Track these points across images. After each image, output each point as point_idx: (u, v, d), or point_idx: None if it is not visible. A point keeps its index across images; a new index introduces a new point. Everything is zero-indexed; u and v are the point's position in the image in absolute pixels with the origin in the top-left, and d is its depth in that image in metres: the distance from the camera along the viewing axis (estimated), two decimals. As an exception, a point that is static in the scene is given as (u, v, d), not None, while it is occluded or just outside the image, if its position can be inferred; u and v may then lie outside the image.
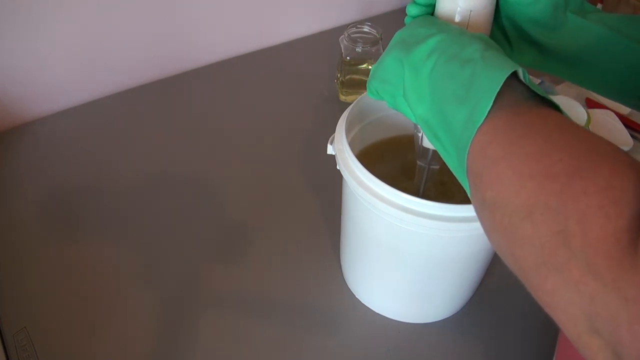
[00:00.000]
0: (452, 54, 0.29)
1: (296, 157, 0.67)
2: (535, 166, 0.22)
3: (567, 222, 0.20)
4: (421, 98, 0.31)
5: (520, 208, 0.22)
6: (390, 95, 0.34)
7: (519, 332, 0.50)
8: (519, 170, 0.23)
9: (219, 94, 0.76)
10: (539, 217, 0.21)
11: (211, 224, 0.59)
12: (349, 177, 0.39)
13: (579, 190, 0.20)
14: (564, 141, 0.23)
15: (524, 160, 0.23)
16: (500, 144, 0.24)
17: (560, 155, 0.22)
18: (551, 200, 0.21)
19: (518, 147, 0.23)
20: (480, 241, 0.42)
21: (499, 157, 0.24)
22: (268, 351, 0.48)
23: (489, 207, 0.24)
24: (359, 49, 0.68)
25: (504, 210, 0.23)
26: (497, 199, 0.24)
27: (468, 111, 0.26)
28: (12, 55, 0.66)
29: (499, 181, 0.24)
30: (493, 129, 0.25)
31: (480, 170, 0.25)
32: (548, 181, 0.21)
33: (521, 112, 0.25)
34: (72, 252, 0.56)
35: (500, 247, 0.25)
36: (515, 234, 0.22)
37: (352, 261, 0.50)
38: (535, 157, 0.22)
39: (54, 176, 0.64)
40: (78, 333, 0.49)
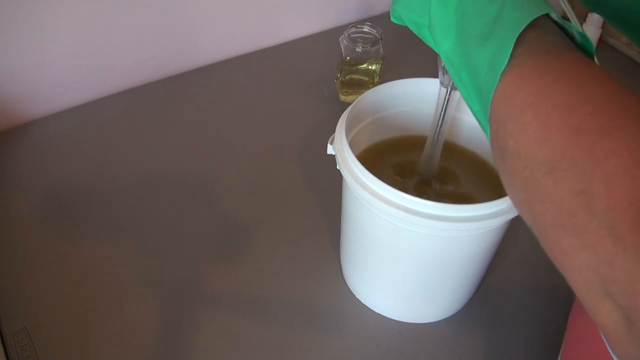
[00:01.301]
0: None
1: (296, 157, 0.67)
2: (563, 119, 0.21)
3: (591, 181, 0.19)
4: (447, 32, 0.29)
5: (544, 162, 0.21)
6: (414, 24, 0.32)
7: (519, 332, 0.50)
8: (546, 121, 0.21)
9: (219, 94, 0.76)
10: (562, 174, 0.20)
11: (211, 223, 0.59)
12: (349, 177, 0.39)
13: (607, 148, 0.19)
14: (595, 93, 0.21)
15: (551, 112, 0.21)
16: (527, 91, 0.23)
17: (590, 109, 0.20)
18: (577, 156, 0.20)
19: (546, 96, 0.22)
20: (480, 241, 0.42)
21: (525, 106, 0.22)
22: (268, 351, 0.48)
23: (510, 156, 0.23)
24: (359, 49, 0.68)
25: (527, 163, 0.22)
26: (520, 149, 0.22)
27: (492, 52, 0.25)
28: (12, 55, 0.66)
29: (523, 131, 0.22)
30: (520, 74, 0.24)
31: (505, 117, 0.24)
32: (576, 136, 0.20)
33: (551, 57, 0.23)
34: (72, 252, 0.56)
35: (518, 199, 0.24)
36: (535, 188, 0.21)
37: (352, 261, 0.50)
38: (564, 108, 0.21)
39: (54, 176, 0.64)
40: (78, 333, 0.49)
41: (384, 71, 0.72)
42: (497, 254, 0.49)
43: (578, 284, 0.20)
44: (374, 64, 0.70)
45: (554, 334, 0.49)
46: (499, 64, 0.24)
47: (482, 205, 0.36)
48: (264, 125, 0.71)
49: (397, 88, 0.48)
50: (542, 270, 0.54)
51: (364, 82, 0.72)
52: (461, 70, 0.28)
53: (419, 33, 0.33)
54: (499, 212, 0.37)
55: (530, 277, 0.54)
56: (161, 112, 0.73)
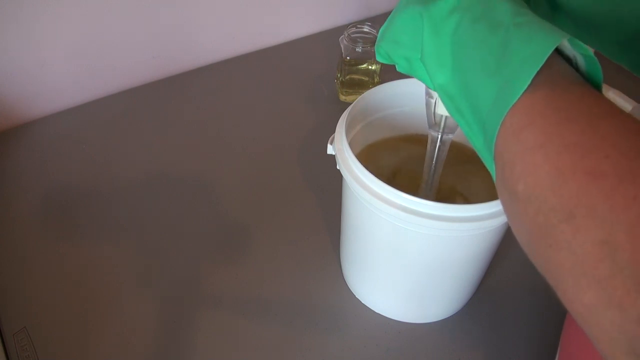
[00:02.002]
0: (479, 13, 0.26)
1: (296, 157, 0.67)
2: (578, 161, 0.19)
3: (613, 231, 0.18)
4: (442, 64, 0.27)
5: (560, 208, 0.19)
6: (404, 58, 0.31)
7: (519, 332, 0.50)
8: (559, 164, 0.20)
9: (219, 94, 0.76)
10: (581, 222, 0.19)
11: (211, 223, 0.59)
12: (349, 177, 0.39)
13: (630, 195, 0.18)
14: (611, 132, 0.20)
15: (565, 152, 0.20)
16: (537, 128, 0.21)
17: (607, 151, 0.19)
18: (596, 203, 0.18)
19: (558, 135, 0.20)
20: (480, 241, 0.42)
21: (536, 146, 0.21)
22: (268, 351, 0.48)
23: (520, 200, 0.22)
24: (359, 49, 0.68)
25: (540, 207, 0.20)
26: (531, 193, 0.21)
27: (498, 86, 0.24)
28: (12, 55, 0.66)
29: (534, 173, 0.21)
30: (529, 109, 0.22)
31: (513, 157, 0.22)
32: (593, 181, 0.19)
33: (560, 92, 0.22)
34: (72, 252, 0.56)
35: (529, 245, 0.22)
36: (551, 236, 0.20)
37: (352, 261, 0.50)
38: (579, 149, 0.20)
39: (54, 176, 0.64)
40: (78, 333, 0.49)
41: (384, 71, 0.72)
42: (497, 254, 0.49)
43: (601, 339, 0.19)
44: (374, 64, 0.70)
45: (554, 334, 0.49)
46: (508, 98, 0.23)
47: (482, 205, 0.36)
48: (264, 125, 0.71)
49: (397, 88, 0.48)
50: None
51: (364, 82, 0.72)
52: (461, 103, 0.27)
53: (410, 68, 0.31)
54: (499, 212, 0.37)
55: (530, 277, 0.54)
56: (161, 112, 0.73)
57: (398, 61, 0.31)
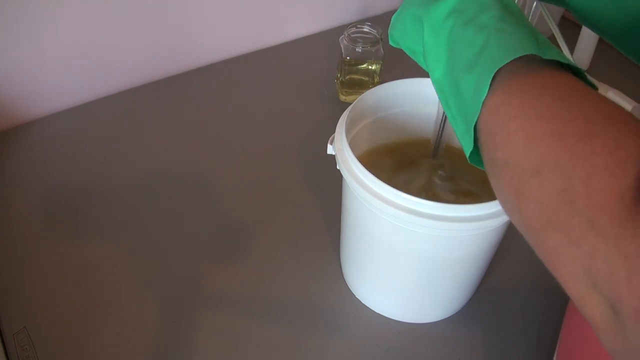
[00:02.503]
0: (470, 17, 0.29)
1: (296, 157, 0.67)
2: (546, 127, 0.22)
3: (572, 181, 0.20)
4: (438, 61, 0.30)
5: (529, 167, 0.22)
6: (410, 50, 0.34)
7: (519, 332, 0.50)
8: (529, 130, 0.23)
9: (219, 94, 0.76)
10: (545, 176, 0.21)
11: (211, 223, 0.59)
12: (349, 177, 0.39)
13: (587, 150, 0.20)
14: (576, 104, 0.23)
15: (534, 121, 0.23)
16: (511, 104, 0.24)
17: (571, 117, 0.22)
18: (559, 159, 0.21)
19: (530, 107, 0.23)
20: (480, 241, 0.42)
21: (511, 117, 0.24)
22: (268, 351, 0.48)
23: (499, 166, 0.24)
24: (359, 49, 0.68)
25: (514, 170, 0.23)
26: (507, 158, 0.24)
27: (475, 80, 0.27)
28: (12, 55, 0.66)
29: (509, 141, 0.24)
30: (506, 91, 0.25)
31: (494, 129, 0.25)
32: (557, 141, 0.21)
33: (534, 74, 0.25)
34: (72, 252, 0.56)
35: (508, 205, 0.25)
36: (522, 193, 0.23)
37: (352, 261, 0.50)
38: (547, 118, 0.23)
39: (54, 176, 0.64)
40: (78, 333, 0.49)
41: (384, 71, 0.72)
42: (497, 254, 0.49)
43: (566, 279, 0.21)
44: (374, 64, 0.70)
45: (554, 334, 0.49)
46: (481, 90, 0.26)
47: (482, 205, 0.36)
48: (264, 125, 0.71)
49: (397, 88, 0.48)
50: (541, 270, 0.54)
51: (364, 82, 0.72)
52: (449, 96, 0.29)
53: (415, 58, 0.34)
54: (499, 212, 0.37)
55: (529, 276, 0.54)
56: (161, 112, 0.73)
57: (406, 50, 0.35)
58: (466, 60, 0.28)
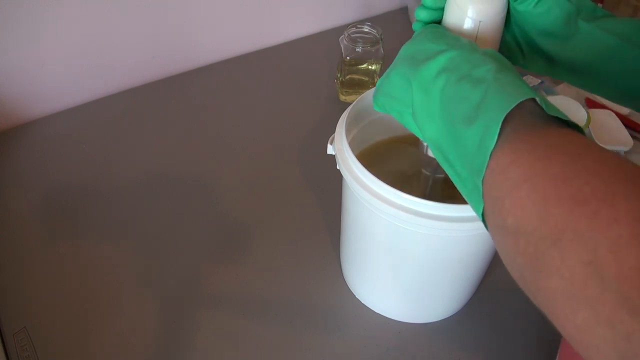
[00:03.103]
0: (464, 73, 0.28)
1: (296, 157, 0.67)
2: (562, 190, 0.21)
3: (598, 251, 0.18)
4: (431, 119, 0.30)
5: (547, 235, 0.20)
6: (397, 112, 0.33)
7: (519, 332, 0.50)
8: (543, 194, 0.21)
9: (219, 94, 0.76)
10: (567, 245, 0.19)
11: (211, 223, 0.59)
12: (349, 177, 0.39)
13: (610, 217, 0.19)
14: (590, 163, 0.21)
15: (548, 183, 0.21)
16: (521, 165, 0.23)
17: (587, 178, 0.20)
18: (580, 227, 0.19)
19: (541, 169, 0.22)
20: (480, 241, 0.42)
21: (522, 180, 0.22)
22: (268, 351, 0.48)
23: (511, 234, 0.23)
24: (359, 49, 0.68)
25: (529, 238, 0.21)
26: (520, 225, 0.22)
27: (480, 133, 0.25)
28: (12, 55, 0.66)
29: (522, 206, 0.22)
30: (513, 149, 0.24)
31: (501, 193, 0.23)
32: (576, 206, 0.20)
33: (540, 133, 0.24)
34: (72, 252, 0.56)
35: (522, 276, 0.23)
36: (541, 264, 0.21)
37: (352, 261, 0.50)
38: (561, 179, 0.21)
39: (54, 176, 0.64)
40: (78, 333, 0.49)
41: (384, 71, 0.72)
42: (497, 254, 0.49)
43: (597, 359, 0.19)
44: (374, 64, 0.70)
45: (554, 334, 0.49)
46: (488, 143, 0.24)
47: (482, 205, 0.36)
48: (264, 125, 0.71)
49: (397, 88, 0.48)
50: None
51: (364, 82, 0.72)
52: (449, 152, 0.28)
53: (402, 120, 0.33)
54: (499, 212, 0.37)
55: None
56: (161, 112, 0.73)
57: (392, 113, 0.34)
58: (464, 114, 0.27)
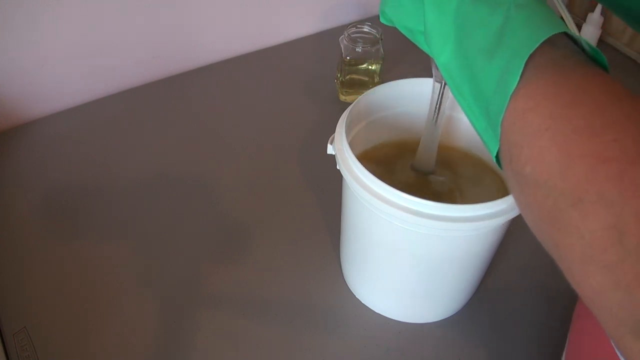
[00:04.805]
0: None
1: (296, 157, 0.67)
2: (585, 144, 0.19)
3: (622, 216, 0.18)
4: (445, 42, 0.27)
5: (568, 193, 0.19)
6: (407, 29, 0.30)
7: (519, 332, 0.50)
8: (566, 147, 0.20)
9: (219, 94, 0.76)
10: (589, 207, 0.19)
11: (211, 223, 0.59)
12: (349, 177, 0.39)
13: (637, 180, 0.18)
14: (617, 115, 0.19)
15: (571, 136, 0.20)
16: (543, 111, 0.21)
17: (615, 134, 0.19)
18: (605, 189, 0.18)
19: (564, 118, 0.20)
20: (480, 241, 0.42)
21: (542, 129, 0.21)
22: (268, 351, 0.48)
23: (528, 183, 0.22)
24: (359, 49, 0.68)
25: (548, 192, 0.20)
26: (539, 177, 0.21)
27: (499, 70, 0.23)
28: (12, 55, 0.66)
29: (541, 157, 0.21)
30: (533, 92, 0.22)
31: (519, 140, 0.22)
32: (601, 165, 0.19)
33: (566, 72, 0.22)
34: (72, 252, 0.56)
35: (538, 228, 0.22)
36: (560, 220, 0.20)
37: (352, 261, 0.50)
38: (585, 133, 0.19)
39: (54, 176, 0.64)
40: (78, 333, 0.49)
41: (384, 71, 0.72)
42: (497, 254, 0.49)
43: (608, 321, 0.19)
44: (374, 64, 0.70)
45: (554, 334, 0.49)
46: (508, 83, 0.22)
47: (482, 205, 0.36)
48: (264, 125, 0.71)
49: (397, 88, 0.48)
50: (542, 270, 0.54)
51: (364, 82, 0.72)
52: (463, 85, 0.26)
53: (413, 38, 0.30)
54: (499, 212, 0.37)
55: (530, 276, 0.54)
56: (161, 112, 0.73)
57: (401, 29, 0.31)
58: (483, 43, 0.24)
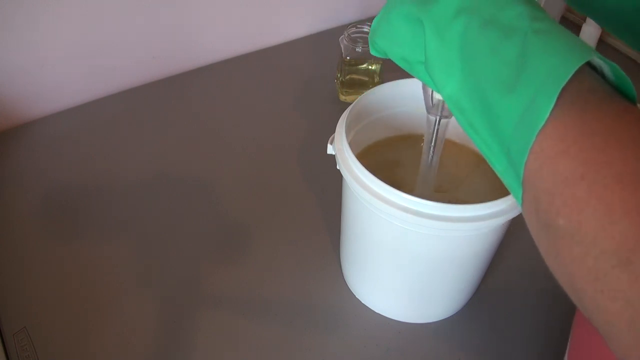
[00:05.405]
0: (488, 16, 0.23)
1: (296, 157, 0.67)
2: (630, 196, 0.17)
3: None
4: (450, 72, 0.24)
5: (613, 252, 0.17)
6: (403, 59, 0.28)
7: (519, 332, 0.50)
8: (607, 200, 0.18)
9: (219, 94, 0.76)
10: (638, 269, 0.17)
11: (211, 223, 0.59)
12: (349, 177, 0.39)
13: None
14: None
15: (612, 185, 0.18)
16: (574, 156, 0.19)
17: None
18: None
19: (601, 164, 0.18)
20: (480, 241, 0.42)
21: (576, 177, 0.19)
22: (268, 351, 0.48)
23: (562, 236, 0.20)
24: (359, 49, 0.68)
25: (588, 249, 0.18)
26: (576, 231, 0.19)
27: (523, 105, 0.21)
28: (12, 55, 0.66)
29: (578, 209, 0.18)
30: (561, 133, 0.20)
31: (550, 187, 0.20)
32: None
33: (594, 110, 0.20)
34: (72, 252, 0.56)
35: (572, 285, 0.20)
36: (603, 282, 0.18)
37: (352, 261, 0.50)
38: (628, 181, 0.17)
39: (54, 176, 0.64)
40: (78, 333, 0.49)
41: (384, 71, 0.72)
42: (498, 254, 0.49)
43: None
44: (374, 64, 0.70)
45: (554, 334, 0.49)
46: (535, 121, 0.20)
47: (482, 205, 0.36)
48: (264, 125, 0.71)
49: (397, 88, 0.48)
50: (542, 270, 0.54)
51: (364, 82, 0.72)
52: (475, 119, 0.24)
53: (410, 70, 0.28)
54: (499, 212, 0.37)
55: (530, 277, 0.54)
56: (161, 112, 0.73)
57: (396, 60, 0.29)
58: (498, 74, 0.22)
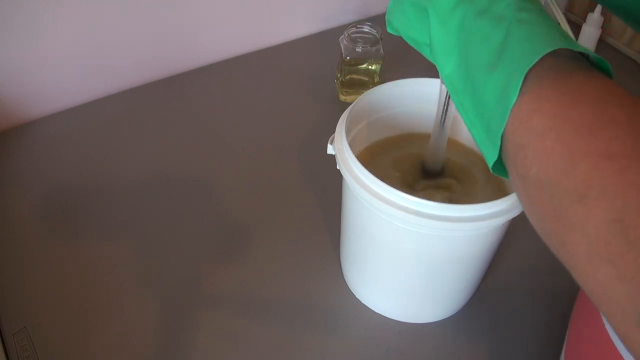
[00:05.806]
0: (483, 6, 0.26)
1: (296, 157, 0.67)
2: (589, 142, 0.20)
3: (625, 210, 0.18)
4: (449, 55, 0.28)
5: (572, 189, 0.20)
6: (413, 41, 0.31)
7: (519, 332, 0.50)
8: (570, 145, 0.20)
9: (219, 94, 0.76)
10: (593, 202, 0.19)
11: (211, 223, 0.59)
12: (349, 177, 0.39)
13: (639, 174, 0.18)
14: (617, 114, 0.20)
15: (575, 135, 0.20)
16: (546, 113, 0.22)
17: (616, 132, 0.19)
18: (608, 184, 0.19)
19: (567, 118, 0.21)
20: (480, 241, 0.42)
21: (546, 129, 0.21)
22: (268, 351, 0.48)
23: (534, 184, 0.22)
24: (359, 49, 0.68)
25: (553, 191, 0.21)
26: (544, 177, 0.21)
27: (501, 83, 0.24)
28: (12, 55, 0.66)
29: (546, 157, 0.21)
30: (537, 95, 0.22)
31: (525, 142, 0.22)
32: (604, 161, 0.19)
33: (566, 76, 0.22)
34: (72, 252, 0.56)
35: (543, 228, 0.23)
36: (565, 218, 0.20)
37: (352, 261, 0.50)
38: (588, 132, 0.20)
39: (54, 176, 0.64)
40: (78, 333, 0.49)
41: (384, 71, 0.72)
42: (498, 254, 0.49)
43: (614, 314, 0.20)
44: (374, 64, 0.70)
45: (554, 334, 0.49)
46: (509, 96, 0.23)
47: (482, 205, 0.36)
48: (264, 125, 0.71)
49: (397, 88, 0.48)
50: (542, 270, 0.54)
51: (364, 82, 0.72)
52: (464, 97, 0.27)
53: (419, 49, 0.31)
54: (499, 212, 0.37)
55: (530, 276, 0.54)
56: (161, 112, 0.73)
57: (407, 40, 0.32)
58: (484, 57, 0.25)
